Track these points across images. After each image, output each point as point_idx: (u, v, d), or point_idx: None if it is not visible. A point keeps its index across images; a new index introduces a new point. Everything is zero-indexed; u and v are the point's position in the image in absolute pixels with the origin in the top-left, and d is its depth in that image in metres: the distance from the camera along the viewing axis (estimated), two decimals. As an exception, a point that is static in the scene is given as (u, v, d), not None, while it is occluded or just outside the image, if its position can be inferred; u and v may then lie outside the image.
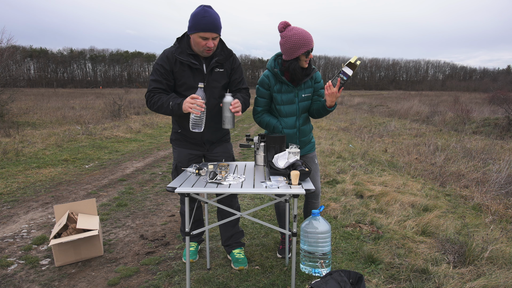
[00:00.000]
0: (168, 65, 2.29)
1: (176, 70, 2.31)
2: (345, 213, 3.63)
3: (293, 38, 2.29)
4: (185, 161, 2.50)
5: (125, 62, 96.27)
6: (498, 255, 2.59)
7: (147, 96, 2.33)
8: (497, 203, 3.91)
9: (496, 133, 10.05)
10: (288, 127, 2.52)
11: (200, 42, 2.19)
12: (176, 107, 2.19)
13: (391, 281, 2.38)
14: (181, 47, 2.30)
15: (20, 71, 15.14)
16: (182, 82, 2.34)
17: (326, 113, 2.47)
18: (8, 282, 2.42)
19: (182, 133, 2.50)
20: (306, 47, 2.30)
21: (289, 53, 2.34)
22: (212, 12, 2.16)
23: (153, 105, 2.29)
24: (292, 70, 2.38)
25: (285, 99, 2.48)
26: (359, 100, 27.46)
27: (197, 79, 2.32)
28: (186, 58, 2.27)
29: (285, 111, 2.51)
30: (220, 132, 2.54)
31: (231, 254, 2.67)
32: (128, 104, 16.16)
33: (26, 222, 3.50)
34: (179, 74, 2.32)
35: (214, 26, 2.16)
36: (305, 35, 2.30)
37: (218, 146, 2.58)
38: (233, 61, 2.43)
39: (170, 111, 2.23)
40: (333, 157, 6.47)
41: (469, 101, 19.29)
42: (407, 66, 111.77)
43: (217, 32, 2.19)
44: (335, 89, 2.26)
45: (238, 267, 2.56)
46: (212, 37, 2.18)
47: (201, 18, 2.13)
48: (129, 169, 5.82)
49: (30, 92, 29.62)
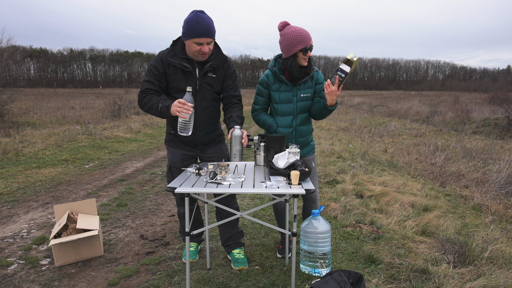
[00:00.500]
0: (162, 67, 2.32)
1: (169, 72, 2.33)
2: (345, 213, 3.63)
3: (291, 35, 2.31)
4: (178, 162, 2.51)
5: (125, 62, 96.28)
6: (498, 255, 2.59)
7: (139, 96, 2.35)
8: (497, 203, 3.91)
9: (496, 133, 10.05)
10: (283, 126, 2.53)
11: (194, 47, 2.20)
12: (165, 110, 2.20)
13: (391, 281, 2.38)
14: (174, 50, 2.32)
15: (20, 71, 15.15)
16: (174, 85, 2.36)
17: (327, 112, 2.45)
18: (8, 282, 2.42)
19: (175, 134, 2.51)
20: (303, 43, 2.30)
21: (286, 50, 2.36)
22: (205, 17, 2.16)
23: (144, 105, 2.31)
24: (290, 67, 2.39)
25: (283, 97, 2.49)
26: (359, 100, 27.46)
27: (189, 82, 2.34)
28: (178, 61, 2.29)
29: (282, 110, 2.51)
30: (212, 133, 2.56)
31: (231, 254, 2.68)
32: (128, 104, 16.15)
33: (26, 222, 3.50)
34: (172, 77, 2.34)
35: (207, 31, 2.16)
36: (302, 32, 2.32)
37: (211, 147, 2.60)
38: (227, 68, 2.44)
39: (159, 112, 2.24)
40: (333, 157, 6.47)
41: (469, 101, 19.29)
42: (407, 66, 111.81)
43: (211, 36, 2.20)
44: (334, 87, 2.24)
45: (238, 267, 2.56)
46: (206, 42, 2.19)
47: (194, 24, 2.14)
48: (129, 169, 5.82)
49: (30, 92, 29.64)
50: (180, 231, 2.91)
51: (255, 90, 2.61)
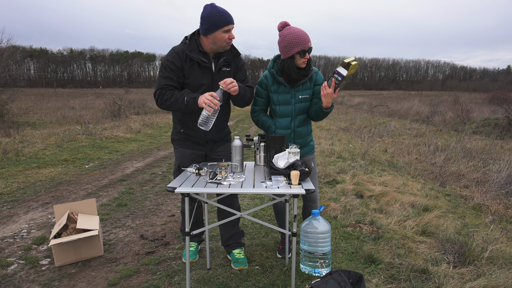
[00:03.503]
0: (179, 61, 2.30)
1: (187, 67, 2.32)
2: (345, 213, 3.63)
3: (289, 36, 2.30)
4: (187, 161, 2.50)
5: (125, 62, 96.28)
6: (498, 255, 2.59)
7: (158, 93, 2.31)
8: (497, 203, 3.91)
9: (496, 133, 10.05)
10: (282, 128, 2.52)
11: (223, 36, 2.25)
12: (192, 102, 2.20)
13: (391, 281, 2.38)
14: (191, 45, 2.32)
15: (20, 71, 15.16)
16: (190, 80, 2.34)
17: (323, 114, 2.43)
18: (8, 282, 2.42)
19: (184, 133, 2.50)
20: (300, 46, 2.29)
21: (284, 51, 2.36)
22: (221, 8, 2.24)
23: (165, 101, 2.27)
24: (287, 69, 2.38)
25: (281, 99, 2.49)
26: (359, 100, 27.46)
27: (205, 77, 2.34)
28: (196, 55, 2.29)
29: (280, 112, 2.51)
30: (223, 131, 2.57)
31: (231, 254, 2.67)
32: (128, 104, 16.16)
33: (26, 222, 3.50)
34: (188, 72, 2.33)
35: (231, 17, 2.25)
36: (301, 34, 2.30)
37: (220, 146, 2.60)
38: (238, 61, 2.48)
39: (185, 106, 2.23)
40: (333, 157, 6.47)
41: (469, 101, 19.29)
42: (407, 66, 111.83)
43: (234, 22, 2.28)
44: (330, 90, 2.23)
45: (238, 267, 2.56)
46: (232, 28, 2.27)
47: (218, 14, 2.20)
48: (129, 169, 5.82)
49: (30, 92, 29.63)
50: (180, 230, 2.91)
51: (254, 91, 2.60)
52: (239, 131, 11.17)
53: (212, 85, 2.37)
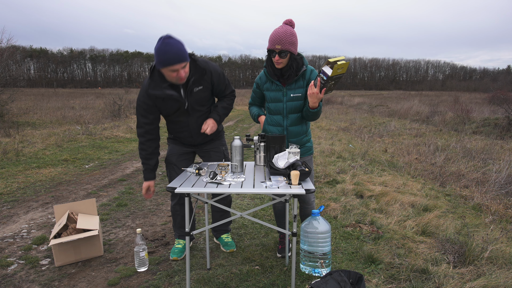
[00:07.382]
0: (150, 100, 2.39)
1: (158, 103, 2.41)
2: (345, 213, 3.63)
3: (271, 32, 2.29)
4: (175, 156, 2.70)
5: (125, 62, 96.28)
6: (498, 255, 2.59)
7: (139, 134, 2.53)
8: (497, 203, 3.91)
9: (496, 133, 10.05)
10: (274, 125, 2.54)
11: (171, 74, 2.22)
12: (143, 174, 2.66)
13: (391, 281, 2.38)
14: (154, 81, 2.32)
15: (20, 71, 15.13)
16: (165, 111, 2.47)
17: (311, 114, 2.38)
18: (8, 282, 2.42)
19: (174, 138, 2.74)
20: (271, 44, 2.28)
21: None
22: (173, 43, 2.11)
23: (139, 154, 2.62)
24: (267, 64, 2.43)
25: (272, 96, 2.50)
26: (359, 100, 27.46)
27: (179, 103, 2.42)
28: (161, 91, 2.32)
29: (272, 109, 2.54)
30: (211, 135, 2.69)
31: (220, 239, 2.92)
32: (128, 104, 16.13)
33: (26, 222, 3.50)
34: (161, 105, 2.43)
35: (179, 56, 2.13)
36: (275, 34, 2.25)
37: (208, 144, 2.75)
38: (211, 76, 2.45)
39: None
40: (333, 157, 6.47)
41: (469, 101, 19.29)
42: (407, 66, 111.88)
43: (183, 61, 2.17)
44: (316, 89, 2.18)
45: (228, 250, 2.78)
46: (181, 67, 2.18)
47: (164, 53, 2.10)
48: (129, 169, 5.82)
49: (30, 92, 29.64)
50: (173, 226, 2.91)
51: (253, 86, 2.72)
52: (239, 131, 11.17)
53: (188, 106, 2.45)
